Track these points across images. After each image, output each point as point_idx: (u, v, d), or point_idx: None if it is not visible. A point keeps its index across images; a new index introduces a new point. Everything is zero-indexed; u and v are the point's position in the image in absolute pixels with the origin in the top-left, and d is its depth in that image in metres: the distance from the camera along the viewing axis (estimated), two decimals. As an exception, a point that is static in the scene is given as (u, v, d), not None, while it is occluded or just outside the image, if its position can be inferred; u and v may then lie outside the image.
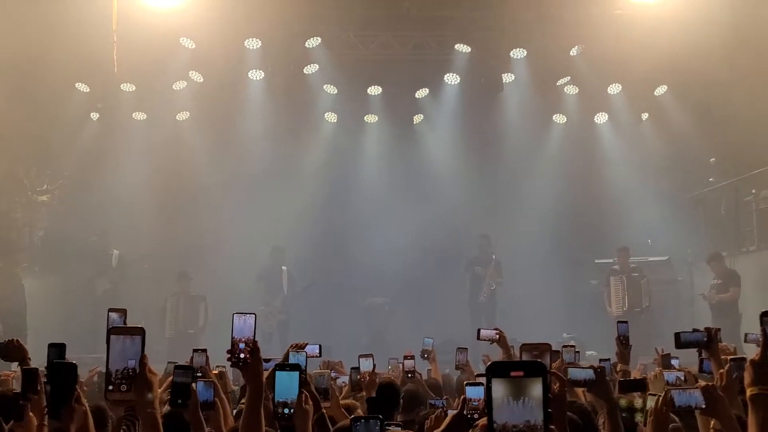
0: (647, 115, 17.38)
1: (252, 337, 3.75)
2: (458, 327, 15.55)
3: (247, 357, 3.72)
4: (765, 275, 14.91)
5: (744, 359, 4.54)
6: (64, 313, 15.69)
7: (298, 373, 4.06)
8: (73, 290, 16.23)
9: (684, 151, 17.57)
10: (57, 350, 4.54)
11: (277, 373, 4.05)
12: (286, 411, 3.94)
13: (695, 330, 5.35)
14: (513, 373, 2.09)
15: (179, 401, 4.40)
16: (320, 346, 6.47)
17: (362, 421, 4.05)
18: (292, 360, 5.45)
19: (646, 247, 17.07)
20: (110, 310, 4.86)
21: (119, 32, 15.04)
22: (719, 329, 5.44)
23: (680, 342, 5.16)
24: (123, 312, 4.95)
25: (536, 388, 2.08)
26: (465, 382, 5.53)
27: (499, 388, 2.09)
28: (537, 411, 2.07)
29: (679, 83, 16.79)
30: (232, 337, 3.76)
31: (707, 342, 5.17)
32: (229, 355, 3.76)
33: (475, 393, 5.06)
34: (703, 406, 4.24)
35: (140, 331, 3.01)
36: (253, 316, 3.83)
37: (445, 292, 16.97)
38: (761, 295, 14.81)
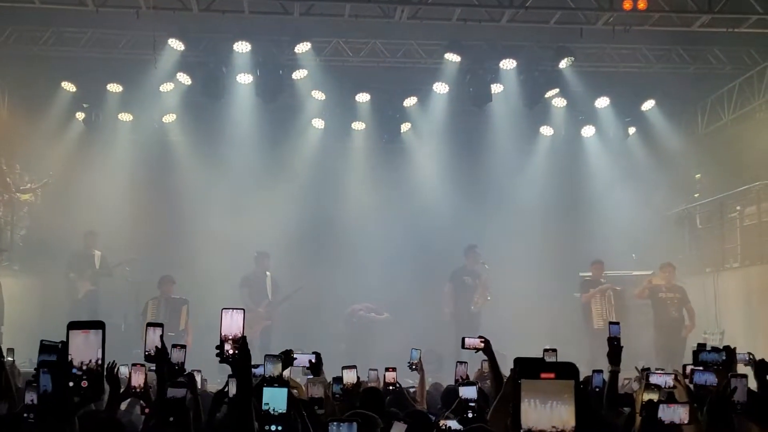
0: (634, 129, 17.40)
1: (240, 333, 3.75)
2: (441, 337, 15.49)
3: (235, 353, 3.69)
4: (748, 292, 14.95)
5: (745, 376, 4.54)
6: (43, 313, 15.55)
7: (286, 389, 3.98)
8: (54, 291, 16.06)
9: (670, 167, 17.64)
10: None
11: (265, 389, 3.95)
12: (274, 428, 3.86)
13: (713, 349, 5.31)
14: (543, 375, 1.94)
15: (171, 419, 4.30)
16: (317, 355, 6.36)
17: (336, 424, 3.99)
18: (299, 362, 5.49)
19: (631, 261, 17.09)
20: (149, 324, 4.77)
21: (107, 34, 15.04)
22: (735, 348, 5.43)
23: (698, 361, 5.12)
24: (160, 326, 4.85)
25: (567, 392, 1.93)
26: (459, 383, 5.52)
27: (527, 389, 1.93)
28: (567, 416, 1.93)
29: (666, 98, 16.89)
30: (221, 333, 3.73)
31: (726, 362, 5.12)
32: (218, 351, 3.73)
33: (469, 393, 5.12)
34: (686, 422, 4.23)
35: (100, 326, 2.91)
36: (242, 311, 3.85)
37: (428, 301, 16.90)
38: (744, 311, 14.86)
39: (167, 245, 17.24)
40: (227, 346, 3.76)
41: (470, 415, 5.28)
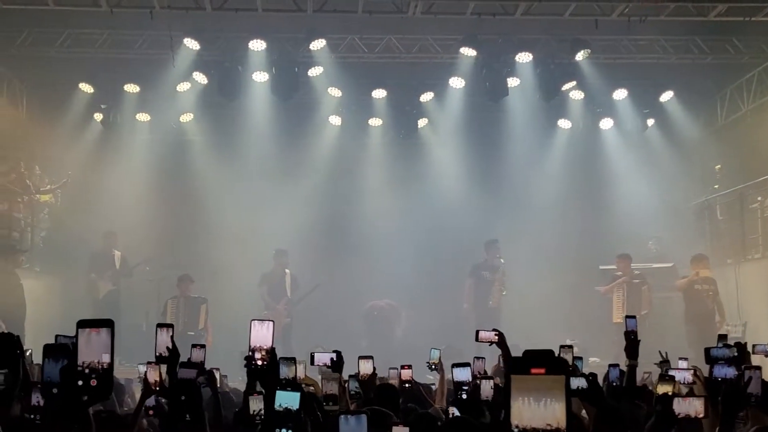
0: (653, 121, 17.28)
1: (270, 345, 3.80)
2: (460, 333, 15.46)
3: (264, 365, 3.70)
4: (770, 283, 14.83)
5: (759, 368, 4.50)
6: (65, 314, 15.62)
7: (298, 393, 3.94)
8: (75, 292, 16.16)
9: (690, 158, 17.52)
10: None
11: (278, 392, 3.93)
12: (285, 430, 3.84)
13: (725, 345, 5.27)
14: (534, 371, 1.89)
15: (183, 398, 4.27)
16: (338, 353, 6.27)
17: (345, 416, 3.96)
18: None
19: (651, 253, 16.99)
20: (158, 325, 4.77)
21: (123, 34, 15.09)
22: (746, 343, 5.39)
23: (710, 357, 5.09)
24: (170, 326, 4.86)
25: (559, 388, 1.88)
26: (452, 363, 5.56)
27: (519, 387, 1.89)
28: (560, 414, 1.88)
29: (684, 89, 16.76)
30: (250, 344, 3.75)
31: (738, 358, 5.08)
32: (247, 362, 3.75)
33: (462, 375, 5.19)
34: (702, 415, 4.20)
35: (110, 324, 2.91)
36: (272, 323, 3.88)
37: (447, 297, 16.86)
38: (766, 302, 14.72)
39: (186, 244, 17.33)
40: (257, 356, 3.77)
41: (464, 396, 5.36)
